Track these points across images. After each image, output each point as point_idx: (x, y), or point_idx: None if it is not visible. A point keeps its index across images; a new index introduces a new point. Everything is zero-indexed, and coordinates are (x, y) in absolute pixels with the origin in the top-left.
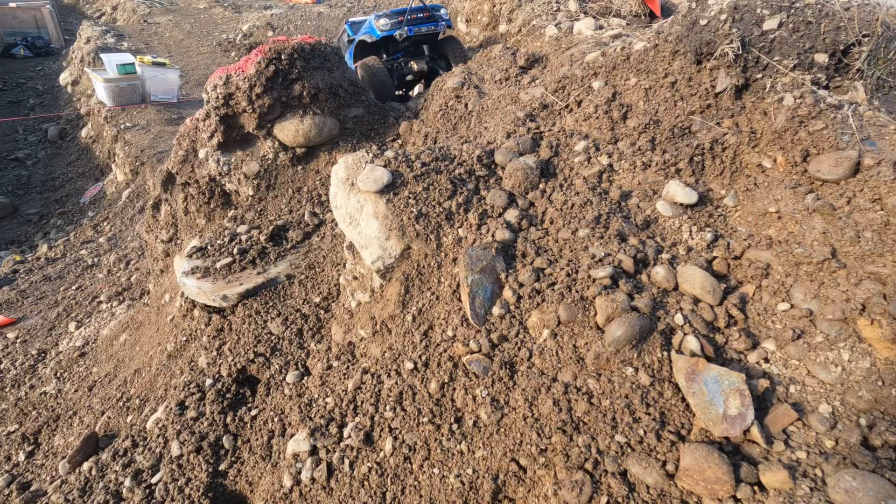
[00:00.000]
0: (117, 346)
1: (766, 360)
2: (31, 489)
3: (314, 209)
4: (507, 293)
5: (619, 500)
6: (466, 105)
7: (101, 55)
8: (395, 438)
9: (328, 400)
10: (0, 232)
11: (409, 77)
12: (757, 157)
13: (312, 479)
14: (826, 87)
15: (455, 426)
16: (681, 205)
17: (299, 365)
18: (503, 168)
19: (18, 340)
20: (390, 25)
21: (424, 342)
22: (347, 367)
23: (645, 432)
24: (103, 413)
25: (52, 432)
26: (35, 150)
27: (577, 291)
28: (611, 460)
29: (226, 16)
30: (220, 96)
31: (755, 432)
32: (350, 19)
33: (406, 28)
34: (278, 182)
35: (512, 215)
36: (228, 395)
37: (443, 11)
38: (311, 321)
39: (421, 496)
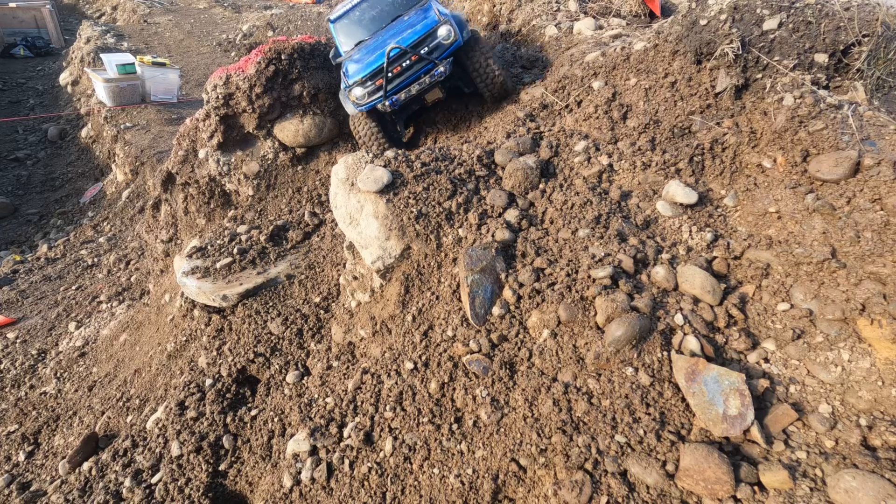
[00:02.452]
0: (117, 346)
1: (766, 360)
2: (31, 489)
3: (314, 209)
4: (507, 293)
5: (619, 500)
6: (467, 105)
7: (101, 55)
8: (395, 438)
9: (328, 400)
10: (0, 232)
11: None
12: (757, 157)
13: (312, 479)
14: (826, 87)
15: (455, 426)
16: (681, 205)
17: (299, 365)
18: (503, 168)
19: (18, 340)
20: (367, 96)
21: (424, 342)
22: (347, 367)
23: (645, 432)
24: (103, 413)
25: (52, 432)
26: (35, 150)
27: (577, 291)
28: (611, 460)
29: (226, 16)
30: (220, 96)
31: (755, 432)
32: (331, 16)
33: (388, 101)
34: (278, 182)
35: (512, 215)
36: (228, 395)
37: (442, 32)
38: (311, 321)
39: (421, 496)
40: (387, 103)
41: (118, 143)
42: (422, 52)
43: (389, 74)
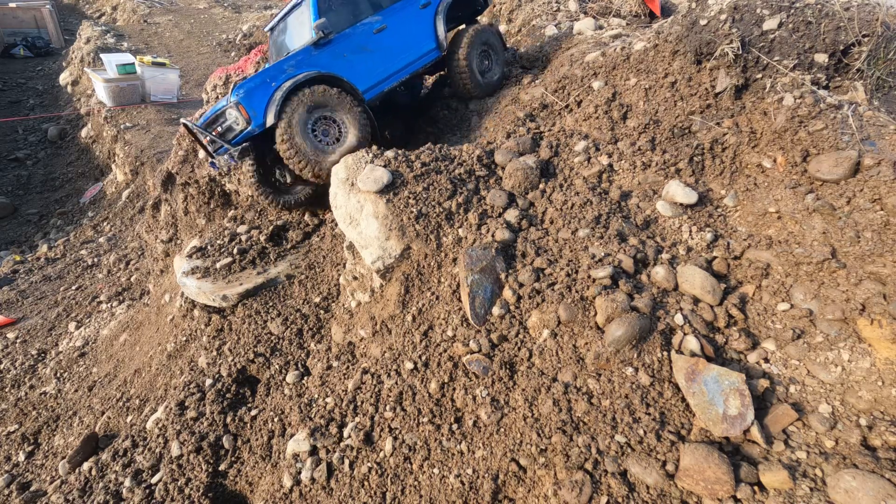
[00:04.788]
0: (117, 346)
1: (766, 360)
2: (31, 489)
3: (314, 209)
4: (507, 293)
5: (619, 500)
6: (467, 104)
7: (101, 55)
8: (395, 438)
9: (328, 400)
10: (0, 232)
11: None
12: (757, 157)
13: (312, 479)
14: (826, 87)
15: (455, 426)
16: (681, 205)
17: (299, 365)
18: (503, 168)
19: (18, 340)
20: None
21: (424, 342)
22: (347, 367)
23: (645, 432)
24: (103, 413)
25: (52, 432)
26: (35, 150)
27: (577, 291)
28: (611, 460)
29: (226, 16)
30: (219, 96)
31: (755, 432)
32: (267, 26)
33: (209, 162)
34: None
35: (512, 215)
36: (228, 395)
37: (229, 116)
38: (311, 321)
39: (421, 496)
40: (209, 164)
41: (118, 143)
42: (218, 129)
43: (205, 140)
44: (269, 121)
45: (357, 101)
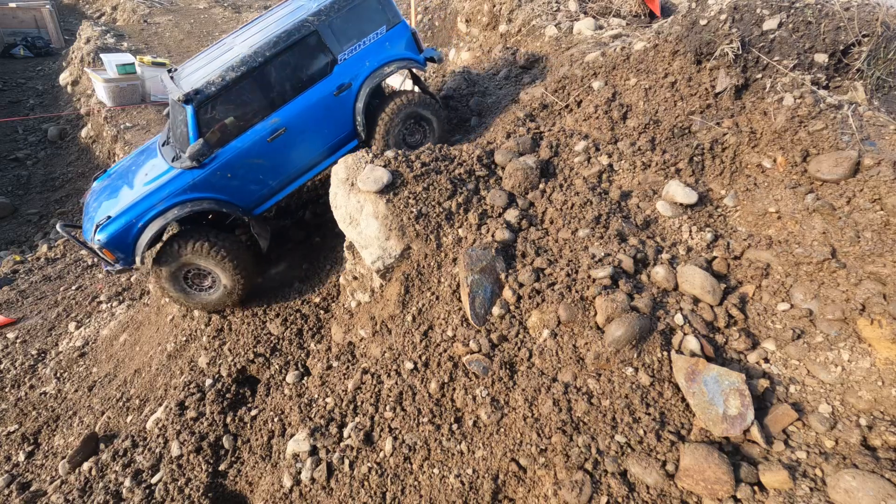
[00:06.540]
0: (117, 346)
1: (766, 360)
2: (31, 489)
3: (315, 209)
4: (507, 293)
5: (619, 500)
6: (468, 104)
7: (101, 55)
8: (395, 438)
9: (328, 400)
10: (0, 232)
11: None
12: (757, 157)
13: (312, 479)
14: (826, 87)
15: (455, 426)
16: (681, 205)
17: (299, 365)
18: (503, 168)
19: (18, 340)
20: None
21: (424, 342)
22: (347, 367)
23: (645, 432)
24: (103, 413)
25: (52, 432)
26: (35, 150)
27: (577, 291)
28: (611, 460)
29: (226, 16)
30: None
31: (755, 432)
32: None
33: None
34: None
35: (512, 215)
36: (228, 395)
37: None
38: (310, 321)
39: (421, 496)
40: None
41: (118, 143)
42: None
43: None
44: (138, 263)
45: (230, 251)
